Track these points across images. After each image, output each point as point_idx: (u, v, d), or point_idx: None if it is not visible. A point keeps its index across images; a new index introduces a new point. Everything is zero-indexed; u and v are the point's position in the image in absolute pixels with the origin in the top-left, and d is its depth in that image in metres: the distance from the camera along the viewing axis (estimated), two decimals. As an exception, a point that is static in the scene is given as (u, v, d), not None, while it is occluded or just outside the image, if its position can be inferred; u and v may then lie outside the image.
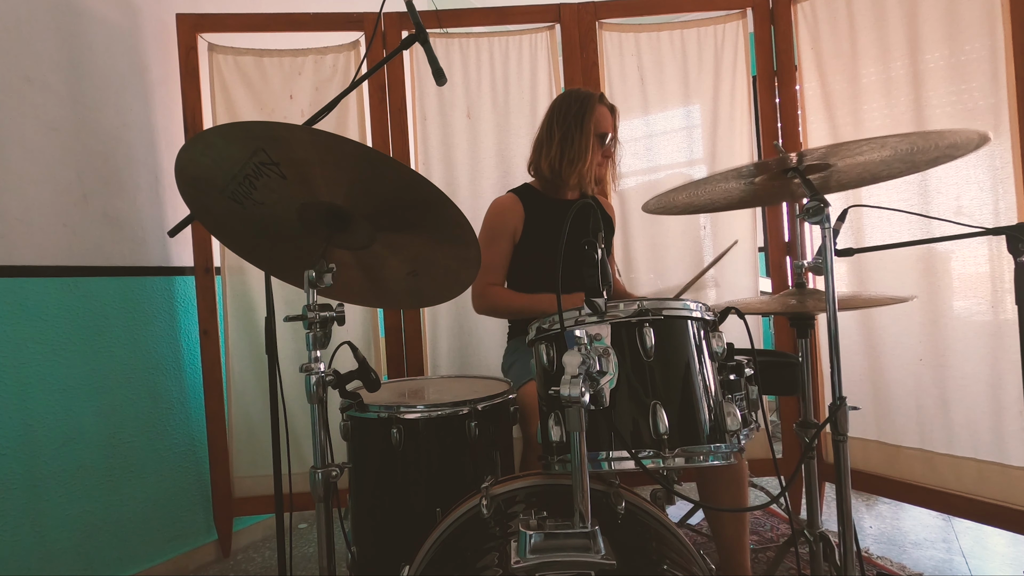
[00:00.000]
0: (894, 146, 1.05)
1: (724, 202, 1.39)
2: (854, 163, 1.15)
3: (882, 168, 1.19)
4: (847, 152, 1.07)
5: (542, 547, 0.79)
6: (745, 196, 1.36)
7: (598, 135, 1.74)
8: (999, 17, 1.79)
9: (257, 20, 2.12)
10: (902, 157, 1.12)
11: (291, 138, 0.94)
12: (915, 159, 1.14)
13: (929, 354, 1.95)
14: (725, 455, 0.97)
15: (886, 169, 1.21)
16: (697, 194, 1.30)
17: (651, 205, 1.38)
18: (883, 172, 1.23)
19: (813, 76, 2.14)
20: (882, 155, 1.10)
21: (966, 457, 1.89)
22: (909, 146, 1.06)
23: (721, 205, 1.41)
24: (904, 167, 1.20)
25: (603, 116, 1.75)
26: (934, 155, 1.12)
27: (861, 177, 1.27)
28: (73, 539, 1.79)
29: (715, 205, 1.41)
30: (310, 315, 1.04)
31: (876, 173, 1.24)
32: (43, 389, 1.74)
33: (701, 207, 1.42)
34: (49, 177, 1.77)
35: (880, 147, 1.06)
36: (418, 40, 1.23)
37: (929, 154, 1.11)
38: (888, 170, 1.21)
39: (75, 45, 1.86)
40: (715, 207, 1.43)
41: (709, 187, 1.26)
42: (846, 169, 1.20)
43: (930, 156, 1.13)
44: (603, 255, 0.99)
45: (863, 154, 1.09)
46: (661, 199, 1.32)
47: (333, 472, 1.07)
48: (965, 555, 1.89)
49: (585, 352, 0.83)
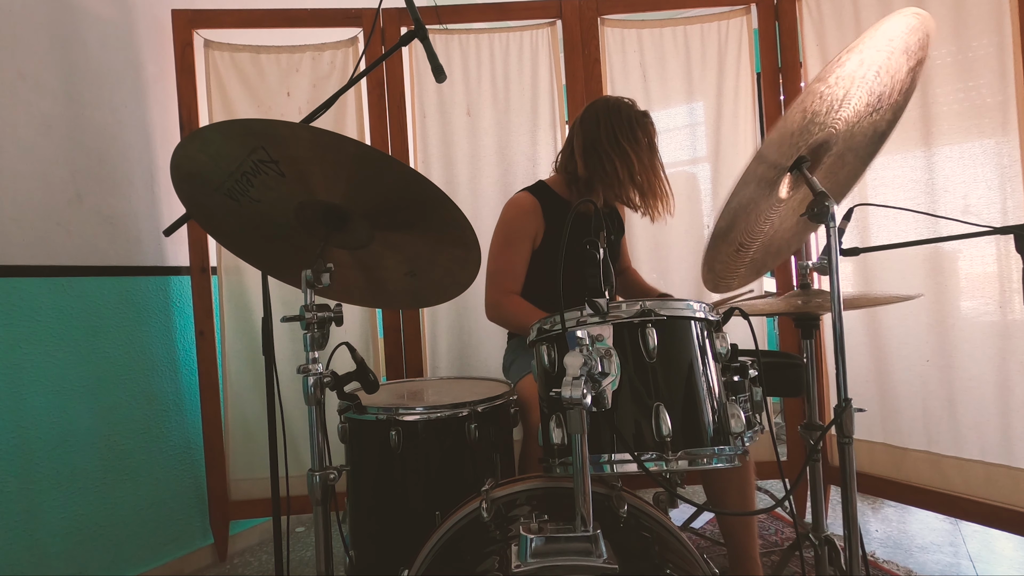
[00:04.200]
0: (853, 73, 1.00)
1: (776, 240, 1.31)
2: (848, 126, 1.12)
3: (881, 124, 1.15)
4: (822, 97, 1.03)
5: (543, 551, 0.79)
6: (787, 222, 1.29)
7: (651, 143, 1.67)
8: (1007, 13, 1.78)
9: (254, 16, 2.10)
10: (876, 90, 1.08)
11: (291, 136, 0.94)
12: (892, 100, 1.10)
13: (936, 355, 1.93)
14: (729, 458, 0.96)
15: (882, 120, 1.16)
16: (743, 243, 1.22)
17: (711, 282, 1.28)
18: (879, 123, 1.19)
19: (818, 72, 2.12)
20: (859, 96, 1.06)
21: (973, 459, 1.87)
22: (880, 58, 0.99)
23: (775, 247, 1.34)
24: (890, 114, 1.16)
25: (652, 129, 1.69)
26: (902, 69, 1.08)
27: (869, 140, 1.22)
28: (67, 542, 1.77)
29: (771, 248, 1.32)
30: (308, 315, 1.04)
31: (878, 129, 1.19)
32: (37, 391, 1.72)
33: (758, 259, 1.33)
34: (42, 175, 1.75)
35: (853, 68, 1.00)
36: (417, 36, 1.21)
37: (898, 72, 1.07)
38: (883, 121, 1.17)
39: (69, 41, 1.84)
40: (771, 251, 1.34)
41: (743, 229, 1.18)
42: (848, 136, 1.16)
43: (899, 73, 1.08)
44: (606, 255, 0.98)
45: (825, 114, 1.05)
46: (711, 268, 1.23)
47: (331, 475, 1.06)
48: (972, 559, 1.87)
49: (587, 353, 0.82)
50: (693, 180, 2.26)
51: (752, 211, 1.17)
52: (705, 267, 1.22)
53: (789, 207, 1.25)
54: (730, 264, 1.29)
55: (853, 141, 1.20)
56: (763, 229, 1.25)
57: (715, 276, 1.28)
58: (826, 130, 1.10)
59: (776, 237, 1.32)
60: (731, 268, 1.31)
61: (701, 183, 2.26)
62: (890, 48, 1.02)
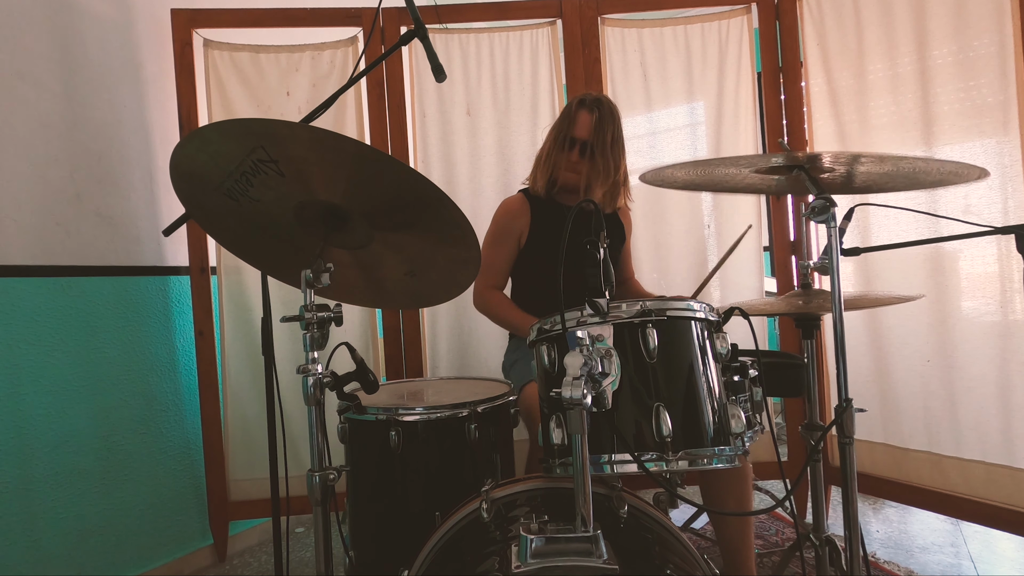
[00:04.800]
0: (895, 163, 1.05)
1: (726, 185, 1.36)
2: (857, 172, 1.14)
3: (887, 180, 1.19)
4: (848, 161, 1.07)
5: (543, 551, 0.79)
6: (747, 183, 1.33)
7: (565, 137, 1.70)
8: (1008, 13, 1.77)
9: (253, 15, 2.10)
10: (904, 175, 1.11)
11: (290, 136, 0.94)
12: (917, 178, 1.13)
13: (936, 355, 1.93)
14: (729, 458, 0.96)
15: (891, 182, 1.20)
16: (698, 172, 1.27)
17: (648, 176, 1.32)
18: (887, 184, 1.23)
19: (819, 72, 2.12)
20: (884, 168, 1.09)
21: (974, 460, 1.87)
22: (910, 167, 1.06)
23: (722, 187, 1.39)
24: (905, 183, 1.19)
25: (576, 120, 1.70)
26: (936, 178, 1.11)
27: (866, 185, 1.25)
28: (66, 543, 1.76)
29: (716, 185, 1.39)
30: (307, 315, 1.03)
31: (881, 184, 1.23)
32: (36, 391, 1.71)
33: (701, 184, 1.40)
34: (41, 175, 1.75)
35: (880, 162, 1.05)
36: (417, 36, 1.21)
37: (931, 176, 1.11)
38: (892, 183, 1.21)
39: (68, 40, 1.83)
40: (716, 187, 1.40)
41: (710, 168, 1.23)
42: (852, 174, 1.18)
43: (932, 179, 1.12)
44: (606, 255, 0.97)
45: (865, 165, 1.08)
46: (660, 172, 1.27)
47: (331, 475, 1.06)
48: (974, 559, 1.87)
49: (587, 353, 0.82)
50: (693, 180, 2.26)
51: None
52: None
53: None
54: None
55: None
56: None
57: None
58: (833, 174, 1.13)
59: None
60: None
61: (702, 183, 2.25)
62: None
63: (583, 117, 1.69)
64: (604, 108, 1.69)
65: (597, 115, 1.68)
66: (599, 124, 1.68)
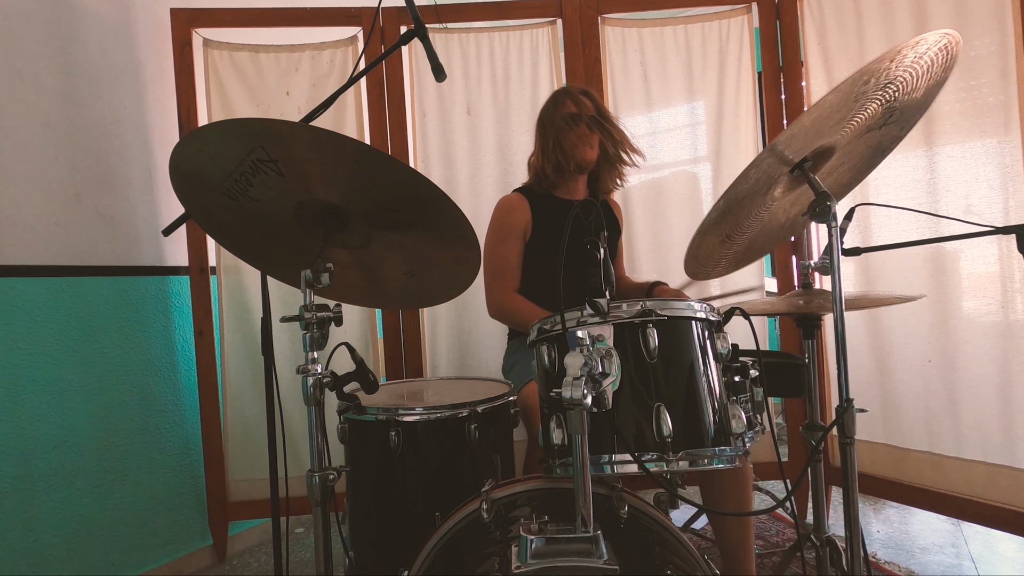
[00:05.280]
0: (851, 87, 1.00)
1: (761, 237, 1.32)
2: (847, 140, 1.11)
3: (879, 138, 1.15)
4: (821, 125, 1.03)
5: (543, 552, 0.79)
6: (774, 222, 1.30)
7: (566, 116, 1.72)
8: (1009, 12, 1.77)
9: (253, 15, 2.10)
10: (881, 111, 1.07)
11: (290, 136, 0.93)
12: (901, 108, 1.09)
13: (937, 355, 1.93)
14: (730, 458, 0.96)
15: (886, 137, 1.16)
16: (730, 234, 1.24)
17: (691, 268, 1.29)
18: (884, 141, 1.19)
19: (820, 72, 2.12)
20: (858, 115, 1.05)
21: (975, 460, 1.86)
22: (869, 78, 1.00)
23: (759, 243, 1.35)
24: (895, 130, 1.16)
25: (569, 102, 1.73)
26: (917, 96, 1.08)
27: (872, 152, 1.22)
28: (66, 543, 1.76)
29: (755, 243, 1.34)
30: (307, 316, 1.03)
31: (882, 145, 1.19)
32: (35, 391, 1.71)
33: (741, 251, 1.34)
34: (41, 175, 1.74)
35: (843, 99, 1.00)
36: (417, 35, 1.21)
37: (910, 95, 1.07)
38: (888, 136, 1.16)
39: (67, 40, 1.83)
40: (755, 246, 1.35)
41: (733, 224, 1.20)
42: (850, 149, 1.16)
43: (913, 98, 1.08)
44: (606, 255, 0.97)
45: (836, 121, 1.04)
46: (695, 257, 1.24)
47: (330, 475, 1.06)
48: (975, 560, 1.86)
49: (587, 353, 0.82)
50: (694, 180, 2.26)
51: (746, 206, 1.18)
52: (689, 254, 1.23)
53: (780, 206, 1.26)
54: (714, 254, 1.30)
55: (854, 152, 1.20)
56: (752, 224, 1.26)
57: (696, 264, 1.30)
58: (833, 136, 1.10)
59: (762, 234, 1.32)
60: (715, 258, 1.32)
61: (702, 183, 2.25)
62: (915, 62, 1.02)
63: (578, 99, 1.73)
64: (590, 91, 1.78)
65: (590, 96, 1.75)
66: (595, 100, 1.74)
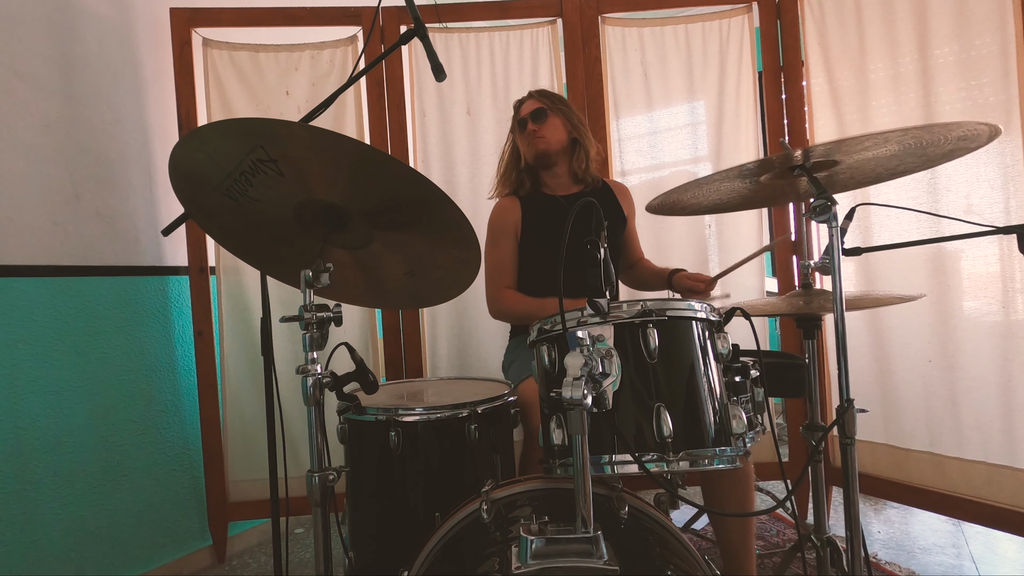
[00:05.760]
0: (899, 140, 1.03)
1: (733, 202, 1.36)
2: (862, 159, 1.13)
3: (896, 163, 1.17)
4: (851, 148, 1.05)
5: (543, 552, 0.79)
6: (753, 195, 1.33)
7: (516, 123, 1.81)
8: (1010, 11, 1.77)
9: (252, 14, 2.09)
10: (912, 151, 1.09)
11: (290, 135, 0.93)
12: (926, 153, 1.11)
13: (938, 355, 1.93)
14: (730, 459, 0.96)
15: (900, 164, 1.18)
16: (703, 193, 1.28)
17: (655, 204, 1.35)
18: (898, 167, 1.20)
19: (820, 72, 2.12)
20: (889, 150, 1.07)
21: (976, 460, 1.86)
22: (914, 140, 1.03)
23: (730, 205, 1.38)
24: (917, 162, 1.17)
25: (520, 110, 1.81)
26: (947, 148, 1.09)
27: (876, 174, 1.24)
28: (65, 544, 1.76)
29: (723, 205, 1.38)
30: (307, 316, 1.03)
31: (891, 168, 1.21)
32: (34, 391, 1.71)
33: (709, 207, 1.39)
34: (40, 174, 1.74)
35: (884, 142, 1.03)
36: (417, 35, 1.20)
37: (940, 147, 1.08)
38: (902, 165, 1.18)
39: (66, 39, 1.83)
40: (723, 207, 1.40)
41: (715, 186, 1.23)
42: (857, 166, 1.17)
43: (943, 149, 1.10)
44: (607, 254, 0.97)
45: (868, 150, 1.07)
46: (666, 198, 1.30)
47: (330, 476, 1.05)
48: (975, 560, 1.86)
49: (587, 353, 0.82)
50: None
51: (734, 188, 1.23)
52: (660, 198, 1.31)
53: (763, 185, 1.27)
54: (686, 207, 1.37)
55: (864, 167, 1.21)
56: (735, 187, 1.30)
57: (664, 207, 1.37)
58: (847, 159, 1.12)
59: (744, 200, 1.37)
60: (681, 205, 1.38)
61: (702, 182, 2.25)
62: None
63: (525, 104, 1.80)
64: (539, 90, 1.83)
65: (536, 94, 1.81)
66: (539, 95, 1.80)
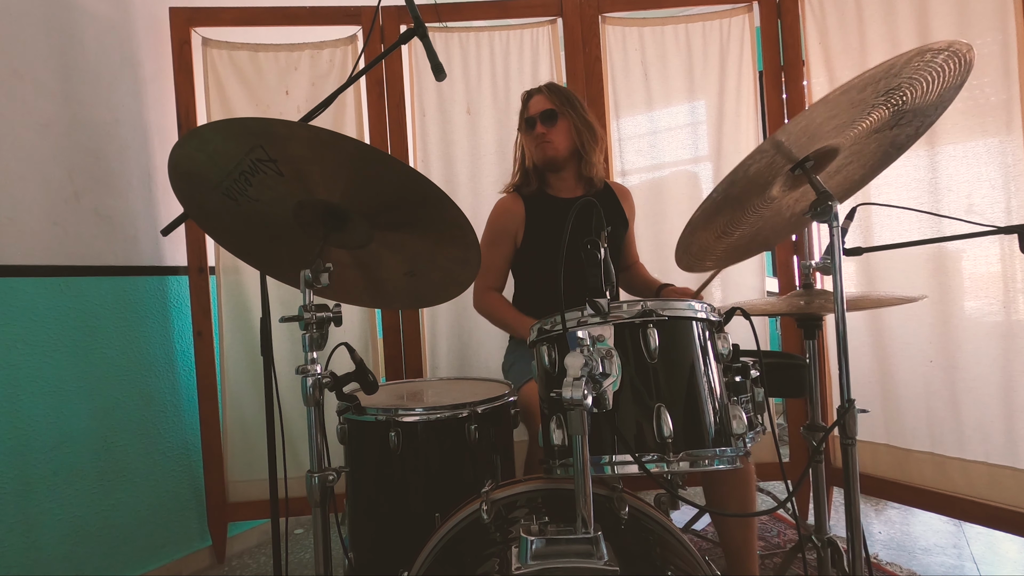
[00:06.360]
0: (859, 91, 0.95)
1: (762, 232, 1.32)
2: (856, 138, 1.10)
3: (896, 133, 1.13)
4: (819, 116, 0.98)
5: (544, 553, 0.79)
6: (777, 218, 1.29)
7: (524, 122, 1.78)
8: (1011, 11, 1.77)
9: (252, 14, 2.09)
10: (886, 103, 1.04)
11: (289, 135, 0.93)
12: (918, 116, 1.08)
13: (939, 356, 1.92)
14: (731, 459, 0.96)
15: (899, 133, 1.14)
16: (726, 231, 1.24)
17: (684, 262, 1.30)
18: (898, 137, 1.16)
19: (821, 71, 2.11)
20: (863, 112, 1.02)
21: (977, 461, 1.86)
22: (873, 89, 0.96)
23: (761, 238, 1.34)
24: (912, 129, 1.14)
25: (529, 106, 1.77)
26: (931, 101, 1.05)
27: (884, 152, 1.20)
28: (64, 544, 1.76)
29: (756, 239, 1.33)
30: (306, 316, 1.03)
31: (892, 140, 1.16)
32: (33, 391, 1.71)
33: (740, 246, 1.34)
34: (39, 174, 1.74)
35: (846, 96, 0.96)
36: (417, 34, 1.20)
37: (924, 95, 1.04)
38: (899, 133, 1.14)
39: (65, 39, 1.83)
40: (756, 241, 1.35)
41: (728, 219, 1.19)
42: (856, 149, 1.15)
43: (930, 98, 1.05)
44: (606, 255, 0.97)
45: (838, 117, 1.01)
46: (687, 250, 1.25)
47: (330, 476, 1.05)
48: (976, 561, 1.86)
49: (588, 354, 0.81)
50: (695, 179, 2.25)
51: (743, 201, 1.17)
52: (680, 248, 1.25)
53: (785, 204, 1.25)
54: (708, 247, 1.31)
55: (864, 151, 1.19)
56: (750, 220, 1.25)
57: (690, 257, 1.30)
58: (835, 139, 1.09)
59: (764, 228, 1.32)
60: (708, 250, 1.32)
61: (703, 182, 2.24)
62: (920, 70, 1.00)
63: (534, 100, 1.76)
64: (550, 84, 1.79)
65: (546, 90, 1.76)
66: (550, 92, 1.75)
